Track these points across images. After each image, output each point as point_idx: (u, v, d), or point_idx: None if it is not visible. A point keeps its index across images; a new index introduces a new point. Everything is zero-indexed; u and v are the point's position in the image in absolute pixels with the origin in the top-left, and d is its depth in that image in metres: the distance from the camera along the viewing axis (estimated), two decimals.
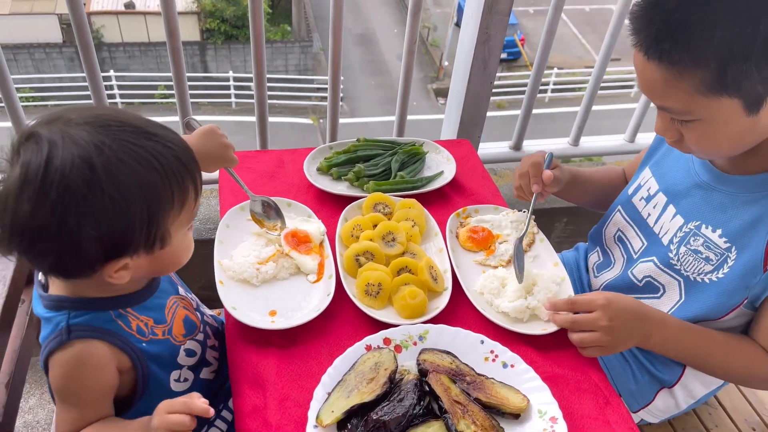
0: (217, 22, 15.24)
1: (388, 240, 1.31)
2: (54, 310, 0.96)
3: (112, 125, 0.84)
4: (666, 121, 1.05)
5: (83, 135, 0.81)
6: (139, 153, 0.84)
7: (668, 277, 1.23)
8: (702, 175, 1.19)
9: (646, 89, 1.01)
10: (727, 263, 1.12)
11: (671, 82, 0.95)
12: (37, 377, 2.02)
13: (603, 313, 1.09)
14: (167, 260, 0.98)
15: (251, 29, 1.67)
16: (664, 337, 1.13)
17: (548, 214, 2.27)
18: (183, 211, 0.92)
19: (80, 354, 0.94)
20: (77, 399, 0.98)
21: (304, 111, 14.91)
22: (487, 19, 1.79)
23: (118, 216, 0.83)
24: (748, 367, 1.14)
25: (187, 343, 1.11)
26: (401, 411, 0.96)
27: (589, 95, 2.12)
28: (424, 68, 16.22)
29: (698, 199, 1.19)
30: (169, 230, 0.92)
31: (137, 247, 0.88)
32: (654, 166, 1.32)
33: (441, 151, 1.67)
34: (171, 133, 0.91)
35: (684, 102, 0.97)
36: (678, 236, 1.21)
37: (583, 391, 1.11)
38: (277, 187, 1.50)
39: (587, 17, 17.91)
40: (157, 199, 0.87)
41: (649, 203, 1.30)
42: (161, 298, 1.09)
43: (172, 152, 0.88)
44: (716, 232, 1.14)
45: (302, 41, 16.12)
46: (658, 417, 1.41)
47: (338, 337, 1.16)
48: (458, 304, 1.24)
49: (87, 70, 1.64)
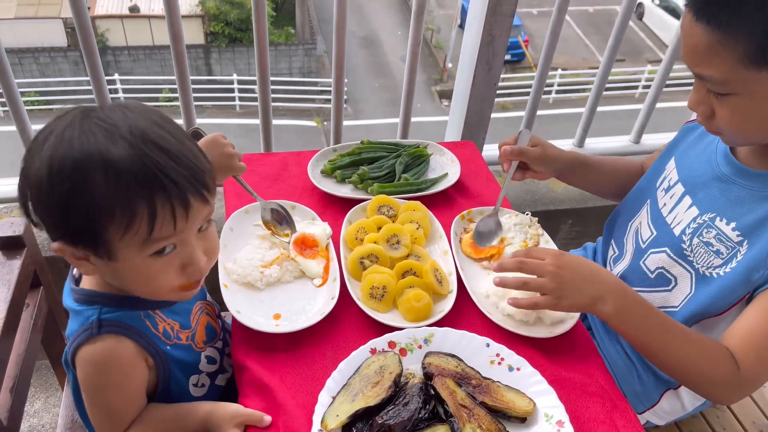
0: (221, 25, 15.28)
1: (393, 243, 1.30)
2: (85, 304, 0.95)
3: (92, 117, 0.81)
4: (701, 93, 1.04)
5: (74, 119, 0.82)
6: (91, 148, 0.78)
7: (681, 269, 1.21)
8: (723, 167, 1.17)
9: (689, 53, 0.99)
10: (736, 258, 1.11)
11: (715, 48, 0.94)
12: (41, 381, 2.02)
13: (553, 260, 1.09)
14: (131, 280, 0.90)
15: (255, 33, 1.67)
16: (621, 306, 1.07)
17: (554, 216, 2.27)
18: (129, 231, 0.81)
19: (111, 349, 0.93)
20: (112, 397, 0.97)
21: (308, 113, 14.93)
22: (491, 21, 1.78)
23: (58, 197, 0.80)
24: (708, 362, 1.05)
25: (207, 350, 1.11)
26: (406, 415, 0.96)
27: (594, 96, 2.12)
28: (428, 70, 16.21)
29: (716, 191, 1.17)
30: (116, 244, 0.83)
31: (85, 243, 0.84)
32: (679, 156, 1.31)
33: (445, 153, 1.66)
34: (187, 147, 0.85)
35: (724, 71, 0.95)
36: (691, 227, 1.19)
37: (590, 394, 1.10)
38: (282, 189, 1.50)
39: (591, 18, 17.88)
40: (96, 201, 0.79)
41: (667, 193, 1.29)
42: (189, 303, 1.09)
43: (136, 166, 0.79)
44: (730, 225, 1.13)
45: (306, 44, 16.15)
46: (664, 419, 1.40)
47: (343, 340, 1.15)
48: (463, 307, 1.23)
49: (91, 74, 1.64)
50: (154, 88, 14.83)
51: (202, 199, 0.86)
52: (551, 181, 2.34)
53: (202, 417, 1.02)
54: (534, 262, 1.11)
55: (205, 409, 1.02)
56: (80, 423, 1.32)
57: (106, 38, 14.85)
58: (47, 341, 1.34)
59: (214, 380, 1.14)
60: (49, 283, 1.33)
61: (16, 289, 1.16)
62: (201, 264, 0.91)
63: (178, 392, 1.07)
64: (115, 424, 0.99)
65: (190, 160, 0.84)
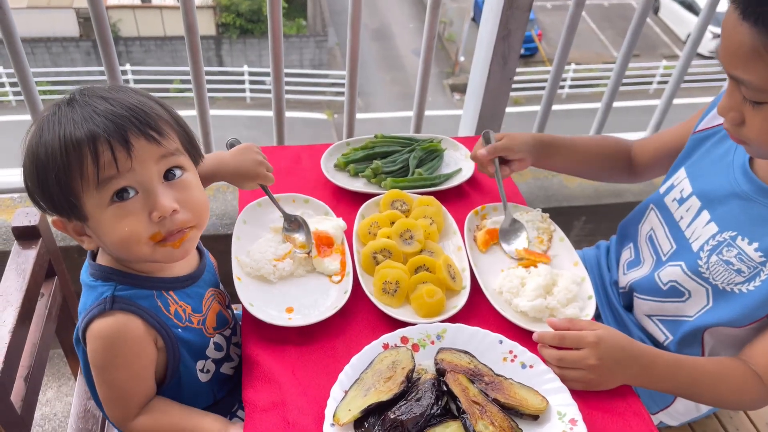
0: (233, 16, 15.27)
1: (406, 237, 1.30)
2: (101, 280, 0.97)
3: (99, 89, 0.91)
4: (735, 100, 0.97)
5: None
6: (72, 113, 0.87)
7: (695, 284, 1.20)
8: (743, 184, 1.13)
9: (729, 55, 0.92)
10: (759, 276, 1.08)
11: (759, 51, 0.87)
12: (54, 370, 2.04)
13: (592, 352, 1.06)
14: (106, 238, 0.91)
15: (269, 27, 1.66)
16: (651, 376, 1.10)
17: (566, 213, 2.25)
18: (84, 179, 0.85)
19: (121, 324, 0.95)
20: (121, 375, 0.98)
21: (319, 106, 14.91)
22: (507, 15, 1.76)
23: (38, 167, 0.87)
24: (738, 393, 1.09)
25: (216, 336, 1.12)
26: (419, 410, 0.96)
27: (610, 92, 2.09)
28: (440, 63, 16.14)
29: (736, 208, 1.14)
30: (83, 201, 0.88)
31: (68, 211, 0.90)
32: (690, 167, 1.28)
33: (459, 148, 1.65)
34: (135, 96, 0.92)
35: (765, 77, 0.89)
36: (710, 244, 1.17)
37: (603, 393, 1.09)
38: (295, 183, 1.50)
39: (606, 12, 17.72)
40: (53, 160, 0.86)
41: (682, 206, 1.26)
42: (202, 288, 1.10)
43: (93, 111, 0.87)
44: (752, 246, 1.10)
45: (317, 36, 16.10)
46: (677, 419, 1.39)
47: (355, 335, 1.15)
48: (476, 303, 1.22)
49: (106, 64, 1.64)
50: (165, 79, 14.86)
51: (147, 138, 0.88)
52: (564, 177, 2.33)
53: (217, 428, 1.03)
54: (574, 356, 1.07)
55: (214, 427, 1.03)
56: (93, 412, 1.33)
57: (118, 28, 14.89)
58: (61, 331, 1.35)
59: (219, 367, 1.15)
60: (63, 273, 1.34)
61: (31, 278, 1.17)
62: (166, 208, 0.89)
63: (187, 377, 1.07)
64: (123, 404, 1.00)
65: (132, 104, 0.89)
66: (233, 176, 1.25)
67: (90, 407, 1.34)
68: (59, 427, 1.89)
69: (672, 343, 1.26)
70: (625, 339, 1.10)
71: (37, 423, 1.89)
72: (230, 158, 1.24)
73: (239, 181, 1.26)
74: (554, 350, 1.09)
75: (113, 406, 1.01)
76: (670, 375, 1.10)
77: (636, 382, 1.11)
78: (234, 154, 1.25)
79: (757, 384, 1.08)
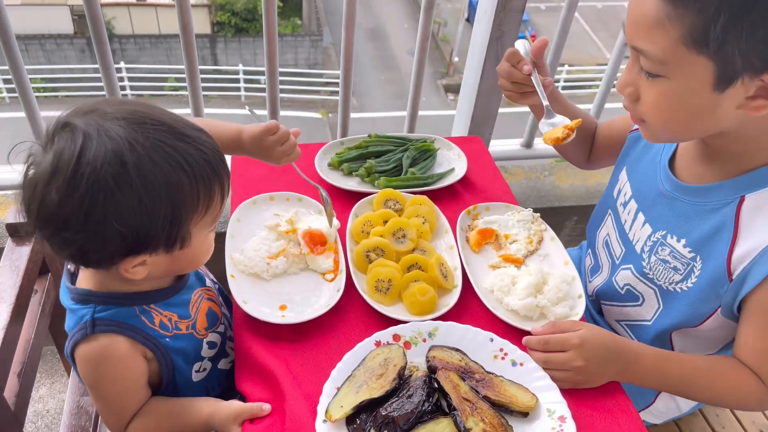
0: (228, 15, 15.25)
1: (399, 236, 1.31)
2: (80, 303, 0.98)
3: (147, 123, 0.84)
4: (633, 73, 0.99)
5: (118, 130, 0.81)
6: (171, 153, 0.84)
7: (644, 286, 1.22)
8: (665, 183, 1.17)
9: (633, 24, 0.94)
10: (693, 273, 1.11)
11: (662, 22, 0.89)
12: (47, 367, 2.04)
13: (577, 353, 1.07)
14: (186, 260, 0.98)
15: (264, 26, 1.67)
16: (639, 372, 1.11)
17: (558, 213, 2.27)
18: (207, 213, 0.93)
19: (104, 348, 0.96)
20: (112, 391, 1.01)
21: (314, 105, 14.91)
22: (500, 16, 1.78)
23: (143, 214, 0.83)
24: (735, 389, 1.10)
25: (209, 336, 1.13)
26: (410, 407, 0.97)
27: (602, 93, 2.11)
28: (434, 64, 16.16)
29: (664, 207, 1.17)
30: (191, 232, 0.92)
31: (158, 245, 0.89)
32: (629, 168, 1.30)
33: (452, 147, 1.66)
34: (204, 135, 0.91)
35: (664, 48, 0.91)
36: (648, 245, 1.19)
37: (592, 390, 1.10)
38: (289, 182, 1.51)
39: (599, 14, 17.79)
40: (182, 201, 0.87)
41: (625, 209, 1.28)
42: (187, 294, 1.10)
43: (202, 155, 0.88)
44: (681, 242, 1.12)
45: (312, 35, 16.10)
46: (660, 418, 1.41)
47: (348, 332, 1.16)
48: (468, 302, 1.24)
49: (100, 62, 1.64)
50: (160, 77, 14.82)
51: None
52: (557, 177, 2.34)
53: (205, 417, 1.05)
54: (559, 358, 1.08)
55: (206, 411, 1.05)
56: (86, 409, 1.33)
57: (112, 26, 14.83)
58: (54, 327, 1.35)
59: (216, 364, 1.16)
60: (57, 270, 1.34)
61: (24, 275, 1.18)
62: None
63: (182, 380, 1.09)
64: (117, 416, 1.03)
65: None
66: (256, 157, 1.26)
67: (83, 404, 1.34)
68: (52, 424, 1.89)
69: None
70: (609, 336, 1.11)
71: (30, 419, 1.89)
72: (248, 145, 1.22)
73: (266, 160, 1.27)
74: (541, 353, 1.10)
75: (108, 417, 1.04)
76: (657, 370, 1.11)
77: (623, 379, 1.12)
78: (250, 141, 1.22)
79: (756, 386, 1.07)
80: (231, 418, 1.02)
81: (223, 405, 1.05)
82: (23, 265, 1.18)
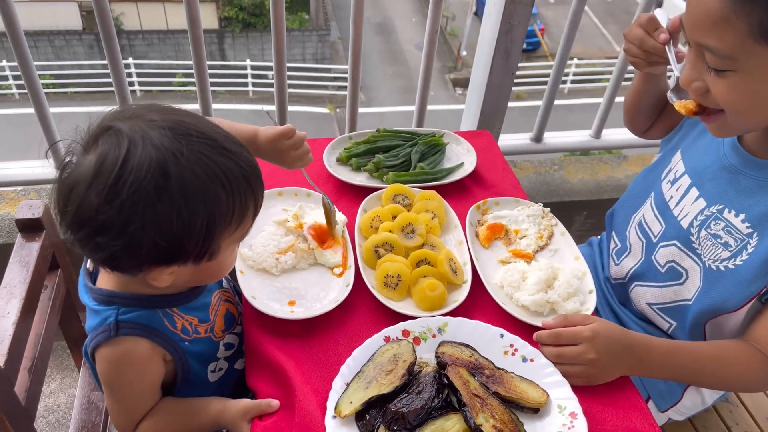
0: (235, 10, 15.26)
1: (408, 231, 1.30)
2: (104, 304, 0.97)
3: (192, 135, 0.84)
4: (698, 70, 0.99)
5: (163, 140, 0.81)
6: (212, 168, 0.84)
7: (691, 262, 1.20)
8: (730, 157, 1.15)
9: (696, 21, 0.94)
10: (746, 249, 1.09)
11: (728, 17, 0.88)
12: (58, 362, 2.05)
13: (589, 346, 1.07)
14: (210, 272, 0.98)
15: (272, 20, 1.67)
16: (649, 365, 1.11)
17: (568, 207, 2.25)
18: (239, 229, 0.93)
19: (127, 350, 0.97)
20: (127, 391, 1.01)
21: (321, 100, 14.90)
22: (510, 9, 1.76)
23: (180, 226, 0.83)
24: (743, 374, 1.11)
25: (226, 337, 1.13)
26: (420, 403, 0.96)
27: (613, 87, 2.09)
28: (442, 58, 16.11)
29: (724, 182, 1.15)
30: (221, 245, 0.92)
31: (188, 257, 0.88)
32: (684, 149, 1.29)
33: (461, 142, 1.65)
34: (244, 151, 0.91)
35: (732, 44, 0.90)
36: (699, 219, 1.18)
37: (603, 386, 1.10)
38: (297, 178, 1.50)
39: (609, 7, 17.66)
40: (218, 215, 0.86)
41: (673, 185, 1.27)
42: (207, 297, 1.11)
43: (242, 171, 0.88)
44: (739, 217, 1.11)
45: (320, 30, 16.08)
46: (684, 415, 1.40)
47: (357, 328, 1.16)
48: (478, 297, 1.23)
49: (109, 58, 1.65)
50: (168, 73, 14.85)
51: None
52: (566, 171, 2.33)
53: (214, 416, 1.05)
54: (572, 352, 1.08)
55: (215, 409, 1.05)
56: (96, 404, 1.34)
57: (120, 22, 14.88)
58: (64, 323, 1.35)
59: (233, 364, 1.16)
60: (67, 265, 1.34)
61: (35, 271, 1.18)
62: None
63: (197, 381, 1.09)
64: (129, 416, 1.04)
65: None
66: (268, 160, 1.25)
67: (94, 399, 1.34)
68: (63, 419, 1.90)
69: (677, 331, 1.26)
70: (619, 330, 1.11)
71: (40, 414, 1.90)
72: (263, 147, 1.21)
73: (277, 164, 1.26)
74: (553, 348, 1.10)
75: (118, 416, 1.04)
76: (667, 361, 1.11)
77: (635, 372, 1.12)
78: (265, 143, 1.21)
79: (763, 363, 1.09)
80: (240, 415, 1.03)
81: (232, 403, 1.05)
82: (33, 261, 1.19)
